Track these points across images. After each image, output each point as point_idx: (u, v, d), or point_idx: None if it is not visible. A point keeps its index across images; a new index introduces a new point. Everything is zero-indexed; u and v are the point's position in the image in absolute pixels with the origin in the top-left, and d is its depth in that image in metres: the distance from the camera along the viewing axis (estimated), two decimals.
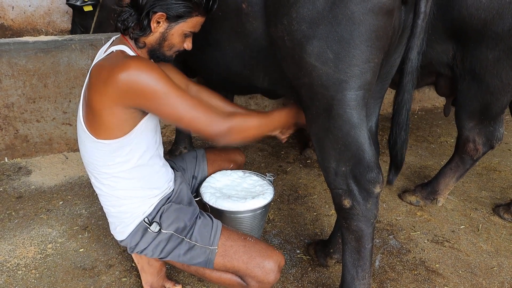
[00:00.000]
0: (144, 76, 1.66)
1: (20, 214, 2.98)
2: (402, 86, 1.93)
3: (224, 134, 1.82)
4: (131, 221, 1.98)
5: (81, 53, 3.53)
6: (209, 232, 1.98)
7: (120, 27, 1.82)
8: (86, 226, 2.88)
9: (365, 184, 1.87)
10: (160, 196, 2.03)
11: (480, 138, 2.79)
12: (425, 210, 3.17)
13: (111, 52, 1.80)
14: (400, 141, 2.04)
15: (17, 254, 2.60)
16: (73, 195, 3.23)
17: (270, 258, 1.94)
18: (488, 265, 2.65)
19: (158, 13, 1.76)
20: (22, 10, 5.21)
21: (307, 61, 1.73)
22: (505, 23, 2.24)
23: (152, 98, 1.70)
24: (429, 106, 5.36)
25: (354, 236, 1.99)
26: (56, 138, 3.74)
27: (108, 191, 1.95)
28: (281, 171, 3.67)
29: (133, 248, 2.02)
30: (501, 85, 2.45)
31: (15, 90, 3.45)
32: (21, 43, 3.36)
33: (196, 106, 1.78)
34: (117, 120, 1.75)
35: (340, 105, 1.75)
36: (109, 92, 1.67)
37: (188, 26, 1.85)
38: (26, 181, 3.38)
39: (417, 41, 1.81)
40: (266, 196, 2.25)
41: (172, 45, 1.89)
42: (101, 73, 1.71)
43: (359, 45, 1.65)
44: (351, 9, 1.61)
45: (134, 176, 1.93)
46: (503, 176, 3.70)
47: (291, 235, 2.86)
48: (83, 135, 1.86)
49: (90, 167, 1.94)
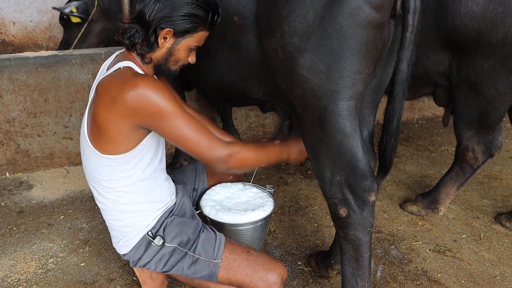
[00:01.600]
0: (153, 95, 1.69)
1: (21, 229, 2.98)
2: (393, 96, 1.96)
3: (223, 161, 1.84)
4: (134, 235, 1.98)
5: (81, 67, 3.55)
6: (213, 246, 1.98)
7: (128, 43, 1.84)
8: (88, 240, 2.88)
9: (360, 192, 1.89)
10: (163, 210, 2.04)
11: (479, 147, 2.79)
12: (427, 220, 3.17)
13: (118, 68, 1.81)
14: (390, 148, 2.06)
15: (18, 269, 2.60)
16: (74, 209, 3.23)
17: (273, 271, 1.96)
18: (490, 274, 2.63)
19: (165, 29, 1.78)
20: (23, 26, 5.25)
21: (299, 73, 1.77)
22: (499, 32, 2.25)
23: (158, 118, 1.72)
24: (430, 115, 5.37)
25: (352, 245, 1.99)
26: (57, 152, 3.75)
27: (111, 205, 1.95)
28: (281, 183, 3.67)
29: (136, 261, 2.01)
30: (498, 94, 2.46)
31: (16, 105, 3.47)
32: (22, 58, 3.39)
33: (199, 130, 1.80)
34: (123, 136, 1.77)
35: (333, 115, 1.78)
36: (117, 109, 1.69)
37: (194, 40, 1.88)
38: (27, 196, 3.39)
39: (406, 53, 1.85)
40: (266, 208, 2.25)
41: (178, 59, 1.92)
42: (109, 90, 1.73)
43: (350, 57, 1.69)
44: (340, 23, 1.65)
45: (137, 190, 1.94)
46: (505, 184, 3.69)
47: (292, 247, 2.86)
48: (87, 150, 1.87)
49: (93, 181, 1.94)
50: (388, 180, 3.75)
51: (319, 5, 1.67)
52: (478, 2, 2.22)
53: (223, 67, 2.29)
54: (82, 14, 4.09)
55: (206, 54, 2.28)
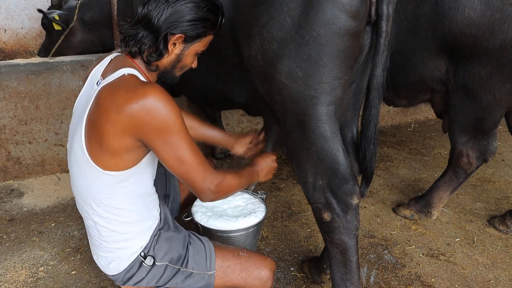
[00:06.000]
0: (163, 108, 1.57)
1: (12, 237, 2.95)
2: (369, 101, 1.97)
3: (212, 191, 1.74)
4: (127, 257, 1.85)
5: (72, 74, 3.54)
6: (204, 258, 1.93)
7: (135, 50, 1.71)
8: (79, 248, 2.85)
9: (342, 196, 1.90)
10: (153, 228, 1.91)
11: (473, 152, 2.79)
12: (420, 224, 3.16)
13: (122, 75, 1.66)
14: (369, 155, 2.06)
15: (7, 278, 2.57)
16: (66, 217, 3.20)
17: (265, 267, 1.97)
18: (484, 278, 2.63)
19: (176, 35, 1.69)
20: (14, 33, 5.24)
21: (278, 79, 1.78)
22: (496, 39, 2.25)
23: (163, 134, 1.60)
24: (422, 119, 5.38)
25: (339, 249, 2.00)
26: (48, 159, 3.72)
27: (107, 225, 1.80)
28: (274, 188, 3.66)
29: (126, 281, 1.90)
30: (494, 100, 2.46)
31: (7, 113, 3.45)
32: (12, 65, 3.37)
33: (197, 156, 1.69)
34: (127, 151, 1.65)
35: (312, 120, 1.80)
36: (122, 120, 1.56)
37: (201, 45, 1.81)
38: (18, 203, 3.36)
39: (381, 59, 1.86)
40: (258, 214, 2.24)
41: (185, 65, 1.84)
42: (114, 99, 1.59)
43: (328, 63, 1.70)
44: (316, 31, 1.66)
45: (135, 208, 1.81)
46: (498, 187, 3.69)
47: (285, 253, 2.84)
48: (84, 165, 1.70)
49: (89, 199, 1.77)
50: (381, 184, 3.75)
51: (295, 13, 1.68)
52: (475, 9, 2.22)
53: (205, 72, 2.30)
54: (63, 24, 4.15)
55: None
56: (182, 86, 2.68)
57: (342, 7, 1.64)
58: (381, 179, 3.84)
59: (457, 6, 2.25)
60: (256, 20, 1.78)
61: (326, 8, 1.64)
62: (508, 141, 4.65)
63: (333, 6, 1.63)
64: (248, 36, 1.85)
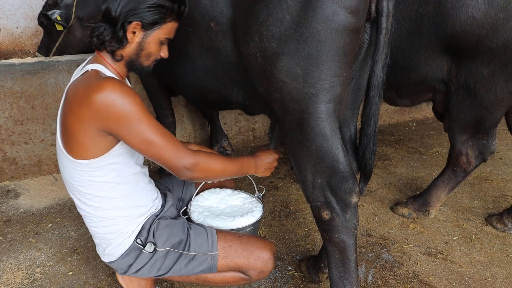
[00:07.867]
0: (118, 99, 1.66)
1: (8, 238, 2.94)
2: (369, 99, 1.96)
3: (188, 169, 1.81)
4: (119, 242, 1.95)
5: (68, 74, 3.52)
6: (206, 240, 2.00)
7: (96, 42, 1.81)
8: (76, 249, 2.84)
9: (341, 194, 1.90)
10: (147, 215, 2.02)
11: (473, 151, 2.78)
12: (418, 222, 3.15)
13: (86, 71, 1.79)
14: (369, 152, 2.06)
15: (3, 280, 2.55)
16: (62, 217, 3.19)
17: (266, 248, 2.05)
18: (482, 276, 2.62)
19: (133, 23, 1.76)
20: (9, 32, 5.20)
21: (278, 77, 1.77)
22: (500, 38, 2.23)
23: (123, 122, 1.68)
24: (420, 117, 5.38)
25: (337, 248, 2.00)
26: (45, 159, 3.71)
27: (93, 212, 1.93)
28: (272, 187, 3.65)
29: (126, 269, 1.99)
30: (495, 99, 2.45)
31: (2, 113, 3.43)
32: (7, 65, 3.35)
33: (166, 136, 1.77)
34: (92, 141, 1.74)
35: (312, 118, 1.79)
36: (83, 113, 1.67)
37: (163, 32, 1.86)
38: (15, 204, 3.34)
39: (381, 56, 1.85)
40: (255, 214, 2.23)
41: (150, 54, 1.89)
42: (76, 94, 1.70)
43: (327, 61, 1.69)
44: (315, 28, 1.65)
45: (117, 195, 1.91)
46: (495, 186, 3.69)
47: (282, 252, 2.83)
48: (61, 156, 1.85)
49: (71, 188, 1.92)
50: (379, 183, 3.75)
51: (294, 10, 1.67)
52: (479, 8, 2.20)
53: (203, 71, 2.28)
54: (64, 23, 4.11)
55: (185, 59, 2.27)
56: (178, 85, 2.67)
57: (341, 3, 1.63)
58: (379, 178, 3.83)
59: (461, 5, 2.23)
60: (254, 18, 1.77)
61: (325, 4, 1.63)
62: (505, 140, 4.65)
63: (332, 2, 1.63)
64: (246, 33, 1.84)
